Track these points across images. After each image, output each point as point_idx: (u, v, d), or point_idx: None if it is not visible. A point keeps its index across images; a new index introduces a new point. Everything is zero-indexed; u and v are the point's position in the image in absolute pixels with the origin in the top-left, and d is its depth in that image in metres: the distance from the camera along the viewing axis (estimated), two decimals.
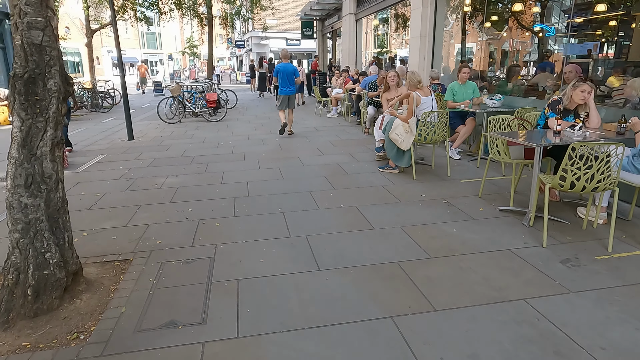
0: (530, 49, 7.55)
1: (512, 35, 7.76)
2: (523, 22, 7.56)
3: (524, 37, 7.59)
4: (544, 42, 7.10)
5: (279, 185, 5.05)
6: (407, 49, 16.51)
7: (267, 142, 7.90)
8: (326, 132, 9.00)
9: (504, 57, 8.13)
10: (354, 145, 7.38)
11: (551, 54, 7.02)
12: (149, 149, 7.56)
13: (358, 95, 9.88)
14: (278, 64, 8.52)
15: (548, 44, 7.00)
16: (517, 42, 7.83)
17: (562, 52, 6.61)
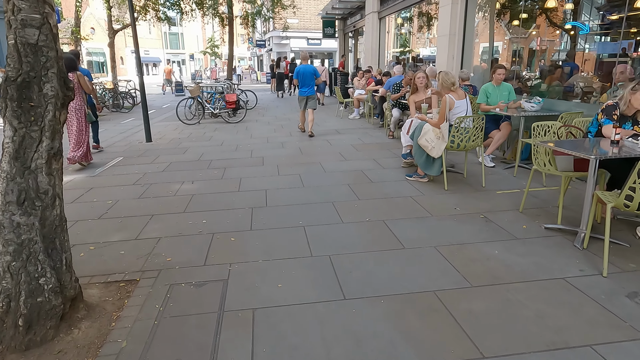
0: (559, 48, 7.09)
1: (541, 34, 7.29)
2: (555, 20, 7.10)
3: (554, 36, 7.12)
4: (575, 40, 6.63)
5: (299, 194, 4.73)
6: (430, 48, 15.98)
7: (287, 146, 7.60)
8: (348, 134, 8.64)
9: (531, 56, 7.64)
10: (377, 150, 7.00)
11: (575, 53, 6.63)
12: (166, 151, 7.35)
13: (382, 97, 9.49)
14: (298, 66, 8.58)
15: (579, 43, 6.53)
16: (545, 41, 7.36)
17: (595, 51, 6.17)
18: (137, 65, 8.23)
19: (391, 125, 7.95)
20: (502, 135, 5.73)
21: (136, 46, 8.15)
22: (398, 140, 7.79)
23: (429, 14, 13.64)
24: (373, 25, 13.83)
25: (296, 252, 3.23)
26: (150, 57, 50.99)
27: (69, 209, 4.37)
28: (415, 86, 6.00)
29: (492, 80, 5.87)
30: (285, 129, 9.62)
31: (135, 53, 8.16)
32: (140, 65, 8.24)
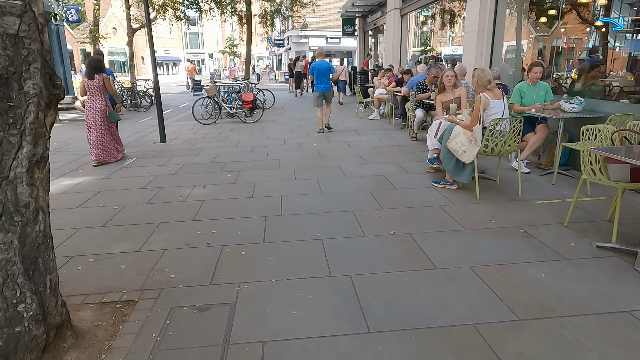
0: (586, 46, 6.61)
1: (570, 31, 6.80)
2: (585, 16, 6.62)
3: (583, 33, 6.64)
4: (605, 37, 6.14)
5: (317, 201, 4.38)
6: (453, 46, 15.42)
7: (305, 147, 7.26)
8: (368, 136, 8.25)
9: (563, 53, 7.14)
10: (400, 153, 6.60)
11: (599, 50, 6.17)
12: (179, 152, 7.11)
13: (403, 97, 9.06)
14: (314, 62, 8.77)
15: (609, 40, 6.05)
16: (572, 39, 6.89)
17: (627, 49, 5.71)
18: (152, 64, 8.01)
19: (414, 126, 7.52)
20: (538, 138, 5.26)
21: (151, 45, 7.94)
22: (422, 142, 7.36)
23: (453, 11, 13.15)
24: (394, 23, 13.38)
25: (313, 271, 2.88)
26: (170, 57, 51.46)
27: (73, 215, 4.13)
28: (442, 85, 5.57)
29: (527, 79, 5.40)
30: (302, 130, 9.29)
31: (150, 52, 7.95)
32: (155, 64, 8.02)
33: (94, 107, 6.26)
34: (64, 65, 17.08)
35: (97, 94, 6.25)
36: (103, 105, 6.28)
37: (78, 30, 43.74)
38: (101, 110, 6.27)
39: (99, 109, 6.25)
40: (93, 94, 6.25)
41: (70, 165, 6.38)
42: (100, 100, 6.26)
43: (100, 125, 6.31)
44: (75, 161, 6.64)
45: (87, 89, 6.24)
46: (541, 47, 7.69)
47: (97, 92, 6.25)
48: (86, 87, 6.23)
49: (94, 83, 6.21)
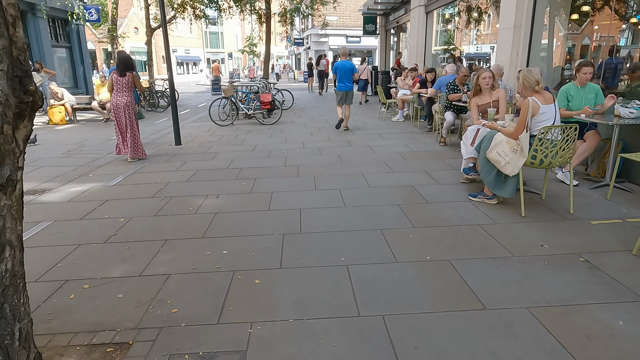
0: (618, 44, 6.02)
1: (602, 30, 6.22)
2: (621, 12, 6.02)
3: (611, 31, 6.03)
4: None
5: (339, 216, 3.94)
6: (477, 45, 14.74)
7: (325, 152, 6.82)
8: (393, 140, 7.76)
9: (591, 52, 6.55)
10: (429, 160, 6.10)
11: None
12: (194, 157, 6.77)
13: (429, 98, 8.53)
14: (337, 62, 8.79)
15: None
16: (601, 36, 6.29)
17: None
18: (167, 63, 7.70)
19: (443, 130, 7.00)
20: (589, 147, 4.70)
21: (166, 44, 7.63)
22: (451, 148, 6.84)
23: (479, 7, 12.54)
24: (419, 20, 12.82)
25: (338, 308, 2.45)
26: (190, 56, 51.75)
27: (75, 228, 3.80)
28: (478, 87, 5.06)
29: (576, 81, 4.84)
30: (322, 133, 8.85)
31: (165, 51, 7.64)
32: (170, 63, 7.71)
33: (119, 103, 6.36)
34: (83, 65, 17.11)
35: (124, 91, 6.36)
36: (128, 101, 6.39)
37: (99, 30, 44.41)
38: (124, 106, 6.37)
39: (123, 105, 6.36)
40: (120, 90, 6.34)
41: (80, 169, 6.10)
42: (127, 97, 6.38)
43: (123, 121, 6.43)
44: (86, 165, 6.37)
45: (115, 85, 6.32)
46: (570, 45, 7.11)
47: (125, 89, 6.36)
48: (115, 83, 6.32)
49: (124, 80, 6.32)
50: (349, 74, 8.62)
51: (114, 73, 6.35)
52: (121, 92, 6.35)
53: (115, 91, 6.35)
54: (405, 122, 10.10)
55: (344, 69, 8.59)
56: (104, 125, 10.96)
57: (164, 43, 7.63)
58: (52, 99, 11.25)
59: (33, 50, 13.91)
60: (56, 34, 15.56)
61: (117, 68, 6.37)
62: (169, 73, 7.71)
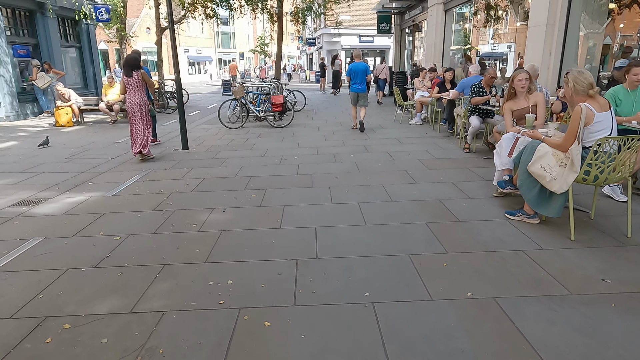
0: None
1: None
2: None
3: None
4: None
5: (360, 237, 3.49)
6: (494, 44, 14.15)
7: (340, 159, 6.37)
8: (413, 145, 7.27)
9: None
10: (454, 168, 5.61)
11: None
12: (200, 163, 6.37)
13: (450, 101, 8.03)
14: (350, 64, 8.97)
15: None
16: None
17: None
18: (174, 64, 7.32)
19: (468, 136, 6.49)
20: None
21: (173, 44, 7.25)
22: (477, 155, 6.33)
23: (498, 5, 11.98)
24: (437, 18, 12.29)
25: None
26: (202, 56, 51.75)
27: (66, 247, 3.41)
28: (512, 90, 4.55)
29: (625, 83, 4.31)
30: (337, 136, 8.40)
31: (172, 51, 7.26)
32: (177, 64, 7.33)
33: (134, 103, 6.40)
34: (93, 66, 16.90)
35: (136, 91, 6.40)
36: (142, 101, 6.43)
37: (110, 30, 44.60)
38: (139, 106, 6.41)
39: (138, 105, 6.40)
40: (132, 90, 6.39)
41: (81, 176, 5.75)
42: (140, 97, 6.42)
43: (138, 121, 6.45)
44: (88, 171, 6.01)
45: (126, 86, 6.39)
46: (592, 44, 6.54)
47: (137, 89, 6.39)
48: (126, 84, 6.39)
49: (132, 80, 6.36)
50: (362, 75, 8.76)
51: (123, 75, 6.40)
52: (133, 92, 6.39)
53: (128, 92, 6.41)
54: (424, 125, 9.60)
55: (357, 70, 8.76)
56: (111, 127, 10.66)
57: (171, 43, 7.26)
58: (59, 100, 10.99)
59: (42, 50, 13.72)
60: (66, 34, 15.37)
61: (124, 69, 6.43)
62: (175, 74, 7.34)
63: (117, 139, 8.81)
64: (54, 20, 14.02)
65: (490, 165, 5.65)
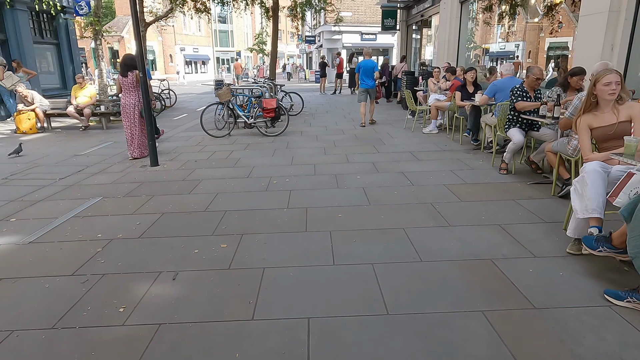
0: None
1: None
2: None
3: None
4: None
5: (381, 341, 2.13)
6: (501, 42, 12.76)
7: (344, 183, 5.00)
8: (433, 163, 5.90)
9: None
10: (495, 200, 4.24)
11: None
12: (166, 188, 5.01)
13: (475, 107, 6.66)
14: (360, 61, 9.16)
15: None
16: None
17: None
18: (141, 62, 5.94)
19: (507, 154, 5.11)
20: None
21: (137, 38, 5.87)
22: (518, 179, 4.95)
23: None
24: (452, 12, 10.92)
25: None
26: (199, 55, 50.37)
27: None
28: (593, 99, 3.18)
29: None
30: (339, 149, 7.02)
31: (136, 48, 5.88)
32: (142, 60, 5.96)
33: (128, 103, 6.40)
34: (73, 64, 15.49)
35: (131, 91, 6.41)
36: (136, 101, 6.40)
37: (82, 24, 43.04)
38: (134, 106, 6.40)
39: (132, 105, 6.40)
40: (127, 90, 6.39)
41: (6, 208, 4.39)
42: (134, 97, 6.40)
43: (132, 121, 6.43)
44: (19, 200, 4.65)
45: (122, 86, 6.39)
46: None
47: (131, 89, 6.40)
48: (121, 84, 6.39)
49: (128, 80, 6.37)
50: (370, 72, 9.05)
51: (119, 74, 6.42)
52: (128, 92, 6.39)
53: (123, 92, 6.41)
54: (440, 134, 8.22)
55: (366, 67, 9.04)
56: (81, 134, 9.30)
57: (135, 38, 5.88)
58: (21, 103, 9.62)
59: (11, 47, 12.32)
60: (41, 29, 13.99)
61: (120, 69, 6.40)
62: (141, 74, 5.95)
63: (81, 150, 7.45)
64: (25, 13, 12.65)
65: (544, 195, 4.29)
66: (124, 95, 6.42)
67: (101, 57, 11.89)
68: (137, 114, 6.41)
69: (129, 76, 6.32)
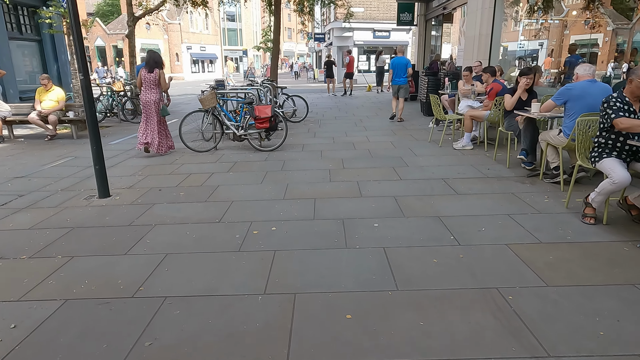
0: None
1: None
2: None
3: None
4: None
5: None
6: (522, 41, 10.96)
7: (356, 237, 3.40)
8: (479, 201, 4.25)
9: None
10: (606, 286, 2.60)
11: None
12: (99, 241, 3.47)
13: (531, 119, 5.01)
14: (392, 58, 9.54)
15: None
16: None
17: None
18: (81, 60, 4.42)
19: (598, 196, 3.44)
20: None
21: (78, 36, 4.34)
22: (616, 233, 3.27)
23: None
24: (483, 2, 9.22)
25: None
26: (206, 54, 49.12)
27: None
28: None
29: None
30: (348, 172, 5.42)
31: (75, 48, 4.35)
32: (84, 58, 4.44)
33: (149, 100, 6.43)
34: (58, 63, 14.09)
35: (152, 88, 6.43)
36: (157, 98, 6.46)
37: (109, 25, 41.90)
38: (155, 103, 6.46)
39: (153, 101, 6.44)
40: (149, 87, 6.41)
41: None
42: (155, 94, 6.46)
43: (151, 118, 6.48)
44: None
45: (143, 81, 6.38)
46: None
47: (153, 86, 6.42)
48: (143, 79, 6.37)
49: (151, 77, 6.38)
50: (403, 69, 9.45)
51: (143, 69, 6.37)
52: (150, 88, 6.42)
53: (144, 88, 6.41)
54: (476, 150, 6.55)
55: (398, 64, 9.46)
56: (43, 146, 7.86)
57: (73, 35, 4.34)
58: None
59: None
60: (19, 24, 12.61)
61: (147, 65, 6.37)
62: (81, 76, 4.42)
63: (29, 168, 5.99)
64: None
65: None
66: (145, 92, 6.42)
67: None
68: (157, 111, 6.49)
69: (155, 72, 6.38)
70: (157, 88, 6.46)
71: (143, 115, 6.50)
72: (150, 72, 6.36)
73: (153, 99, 6.42)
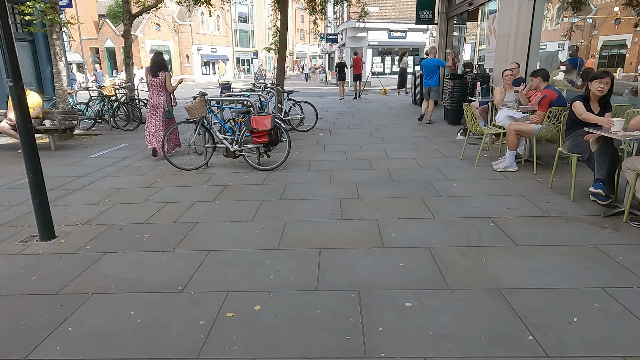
0: None
1: None
2: None
3: None
4: None
5: None
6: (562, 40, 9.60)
7: (382, 331, 2.23)
8: (549, 260, 3.03)
9: None
10: None
11: None
12: (12, 317, 2.35)
13: (607, 139, 3.77)
14: (423, 60, 9.38)
15: None
16: None
17: None
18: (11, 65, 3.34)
19: None
20: None
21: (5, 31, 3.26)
22: None
23: None
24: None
25: None
26: (217, 55, 48.34)
27: None
28: None
29: None
30: (365, 205, 4.22)
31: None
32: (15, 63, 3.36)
33: (157, 103, 6.42)
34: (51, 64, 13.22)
35: (159, 91, 6.42)
36: (164, 101, 6.46)
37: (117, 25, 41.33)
38: (162, 106, 6.46)
39: (161, 105, 6.45)
40: (155, 90, 6.40)
41: None
42: (162, 97, 6.45)
43: (159, 120, 6.47)
44: None
45: (149, 86, 6.41)
46: None
47: (160, 89, 6.40)
48: (149, 84, 6.40)
49: (157, 80, 6.35)
50: (434, 70, 9.04)
51: (148, 74, 6.37)
52: (157, 92, 6.40)
53: (151, 92, 6.40)
54: (523, 173, 5.28)
55: (429, 66, 9.07)
56: (14, 158, 6.87)
57: None
58: None
59: None
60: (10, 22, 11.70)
61: (151, 69, 6.33)
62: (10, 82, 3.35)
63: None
64: None
65: None
66: (152, 96, 6.43)
67: (59, 56, 9.43)
68: (163, 115, 6.49)
69: (160, 76, 6.33)
70: (165, 91, 6.45)
71: (151, 118, 6.45)
72: (155, 76, 6.32)
73: (162, 102, 6.43)
